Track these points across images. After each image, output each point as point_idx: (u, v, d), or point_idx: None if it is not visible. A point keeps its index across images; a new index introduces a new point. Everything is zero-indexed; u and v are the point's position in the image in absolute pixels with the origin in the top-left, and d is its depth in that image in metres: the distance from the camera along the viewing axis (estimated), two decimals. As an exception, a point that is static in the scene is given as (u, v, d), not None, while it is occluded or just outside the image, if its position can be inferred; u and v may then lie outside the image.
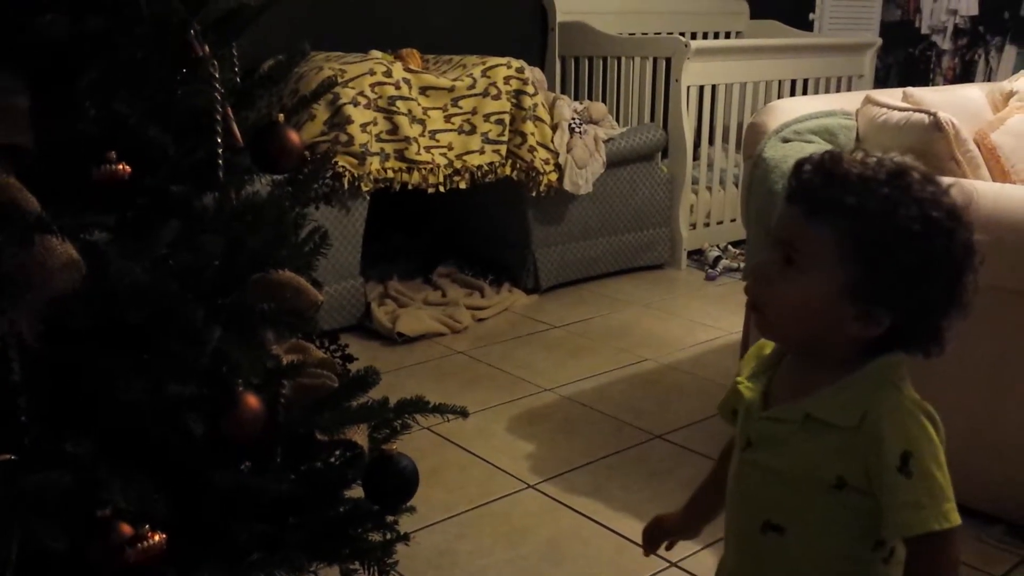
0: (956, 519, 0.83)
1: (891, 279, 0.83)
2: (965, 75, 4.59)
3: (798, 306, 0.86)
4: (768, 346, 0.98)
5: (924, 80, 4.68)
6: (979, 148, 2.13)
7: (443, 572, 1.75)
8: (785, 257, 0.87)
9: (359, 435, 1.43)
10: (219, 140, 1.14)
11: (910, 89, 2.37)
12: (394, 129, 3.03)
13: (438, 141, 3.14)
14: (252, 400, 1.09)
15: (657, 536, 1.15)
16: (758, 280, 0.90)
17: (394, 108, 3.02)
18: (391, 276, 3.44)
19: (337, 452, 1.36)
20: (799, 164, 0.88)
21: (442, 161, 3.14)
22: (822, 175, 0.85)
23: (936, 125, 1.99)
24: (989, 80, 4.42)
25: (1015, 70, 4.08)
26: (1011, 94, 2.58)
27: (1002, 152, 2.23)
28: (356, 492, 1.35)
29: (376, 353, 2.89)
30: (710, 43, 4.12)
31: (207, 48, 1.12)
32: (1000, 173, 2.20)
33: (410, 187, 3.09)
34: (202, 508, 1.14)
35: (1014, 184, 2.16)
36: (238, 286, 1.16)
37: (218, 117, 1.13)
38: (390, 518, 1.43)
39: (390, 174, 3.03)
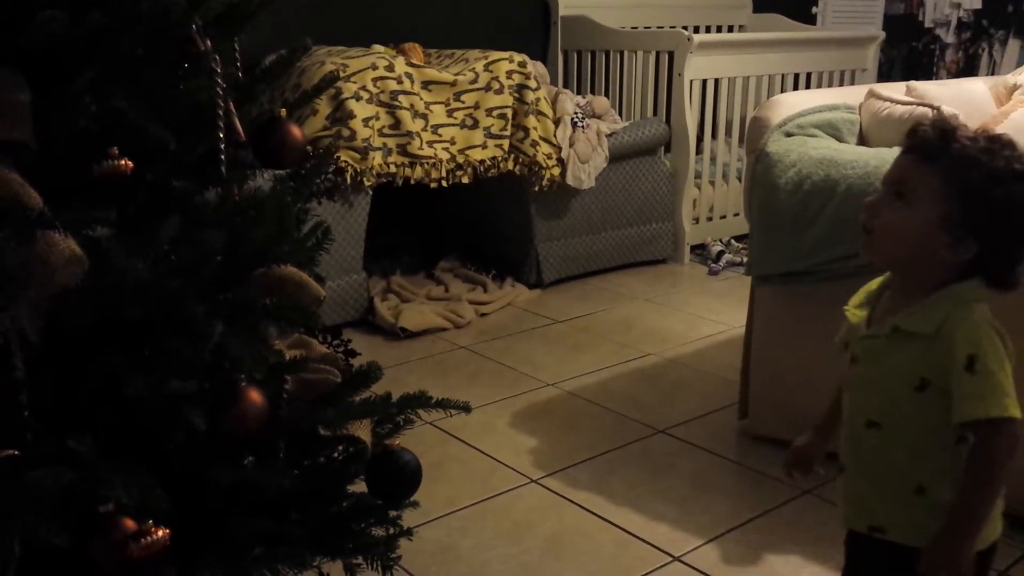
0: (1015, 412, 1.01)
1: (983, 214, 1.04)
2: (968, 69, 4.58)
3: (903, 230, 1.07)
4: (875, 283, 1.18)
5: (927, 74, 4.66)
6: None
7: (445, 567, 1.75)
8: (896, 193, 1.08)
9: (362, 430, 1.43)
10: (221, 135, 1.14)
11: (913, 83, 2.36)
12: (396, 124, 3.03)
13: (440, 136, 3.14)
14: (254, 395, 1.08)
15: (801, 462, 1.31)
16: (871, 209, 1.10)
17: (396, 103, 3.02)
18: (394, 271, 3.45)
19: (340, 447, 1.36)
20: (915, 127, 1.10)
21: (444, 156, 3.13)
22: (936, 132, 1.07)
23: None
24: (993, 74, 4.41)
25: (1019, 63, 4.07)
26: (1015, 87, 2.56)
27: (1006, 146, 2.22)
28: (359, 487, 1.35)
29: (379, 348, 2.89)
30: (713, 37, 4.11)
31: (208, 43, 1.12)
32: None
33: (413, 182, 3.09)
34: (205, 504, 1.14)
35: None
36: (240, 281, 1.16)
37: (220, 112, 1.13)
38: (393, 513, 1.43)
39: (392, 169, 3.02)
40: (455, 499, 1.98)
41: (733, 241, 4.12)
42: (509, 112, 3.28)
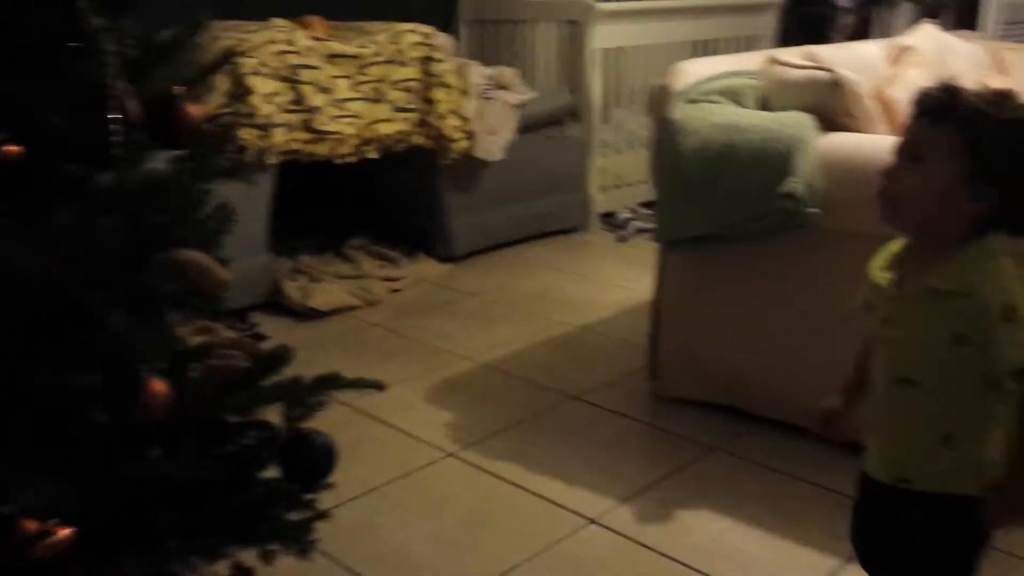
0: None
1: (999, 162, 1.08)
2: (862, 32, 4.72)
3: (926, 191, 1.10)
4: (896, 244, 1.20)
5: (823, 38, 4.79)
6: (877, 103, 2.20)
7: (366, 546, 1.75)
8: (912, 156, 1.11)
9: (273, 414, 1.40)
10: (114, 116, 1.09)
11: (810, 48, 2.42)
12: (299, 99, 2.96)
13: (346, 110, 3.08)
14: (159, 385, 1.06)
15: (832, 423, 1.34)
16: (891, 176, 1.13)
17: (298, 77, 2.95)
18: (301, 250, 3.38)
19: (251, 433, 1.34)
20: (921, 92, 1.13)
21: (351, 131, 3.08)
22: (945, 93, 1.11)
23: (836, 82, 2.04)
24: (885, 37, 4.56)
25: (909, 26, 4.22)
26: (906, 49, 2.66)
27: (898, 106, 2.30)
28: (274, 472, 1.33)
29: (289, 330, 2.84)
30: (617, 5, 4.13)
31: (99, 20, 1.07)
32: (897, 128, 2.27)
33: (318, 159, 3.03)
34: (116, 499, 1.11)
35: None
36: (140, 268, 1.12)
37: (112, 92, 1.09)
38: (308, 496, 1.42)
39: (297, 146, 2.96)
40: (372, 478, 1.98)
41: (640, 208, 4.18)
42: (416, 85, 3.24)
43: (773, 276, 2.07)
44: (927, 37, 2.81)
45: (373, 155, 3.16)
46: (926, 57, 2.66)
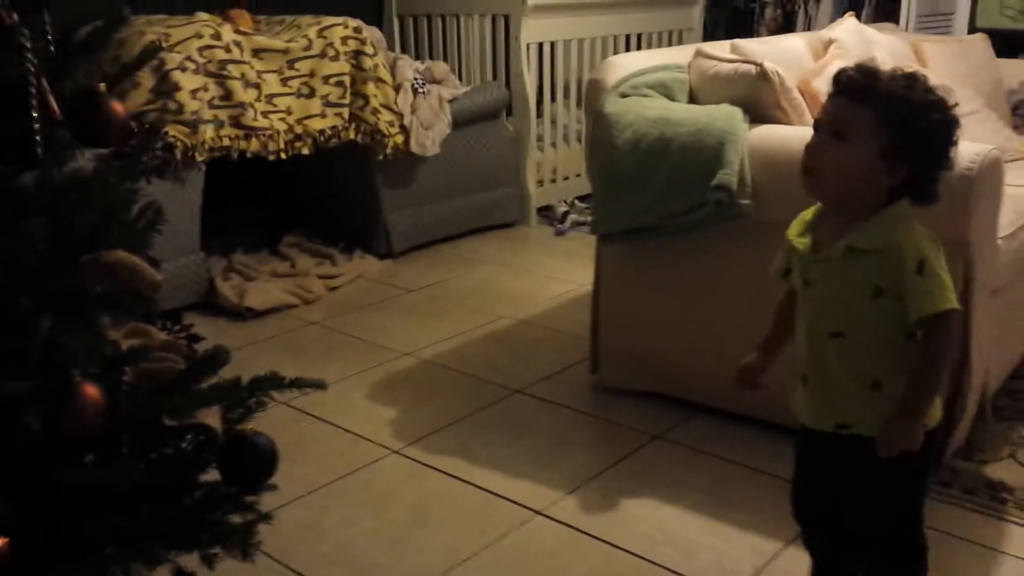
0: (956, 304, 1.18)
1: (913, 141, 1.17)
2: (786, 26, 4.82)
3: (847, 166, 1.19)
4: (808, 212, 1.30)
5: (749, 32, 4.88)
6: (803, 95, 2.24)
7: (310, 546, 1.73)
8: (833, 134, 1.19)
9: (211, 417, 1.38)
10: (35, 114, 1.05)
11: (737, 41, 2.46)
12: (227, 95, 2.90)
13: (276, 106, 3.04)
14: (91, 390, 1.03)
15: (750, 378, 1.43)
16: (814, 152, 1.21)
17: (226, 72, 2.89)
18: (235, 249, 3.32)
19: (189, 437, 1.31)
20: (840, 71, 1.22)
21: (282, 127, 3.03)
22: (862, 74, 1.19)
23: (762, 75, 2.08)
24: (809, 30, 4.67)
25: (832, 19, 4.32)
26: (830, 42, 2.73)
27: (823, 98, 2.35)
28: (214, 476, 1.31)
29: (224, 330, 2.79)
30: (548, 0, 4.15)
31: (15, 16, 1.04)
32: (821, 119, 2.33)
33: (249, 155, 2.97)
34: (50, 507, 1.07)
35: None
36: (68, 270, 1.08)
37: (32, 89, 1.05)
38: (250, 498, 1.39)
39: (226, 142, 2.90)
40: (315, 478, 1.95)
41: (577, 201, 4.21)
42: (347, 79, 3.20)
43: (708, 266, 2.10)
44: (849, 30, 2.88)
45: (305, 151, 3.11)
46: (849, 50, 2.72)
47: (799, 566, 1.52)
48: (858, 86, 1.20)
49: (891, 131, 1.17)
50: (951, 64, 3.11)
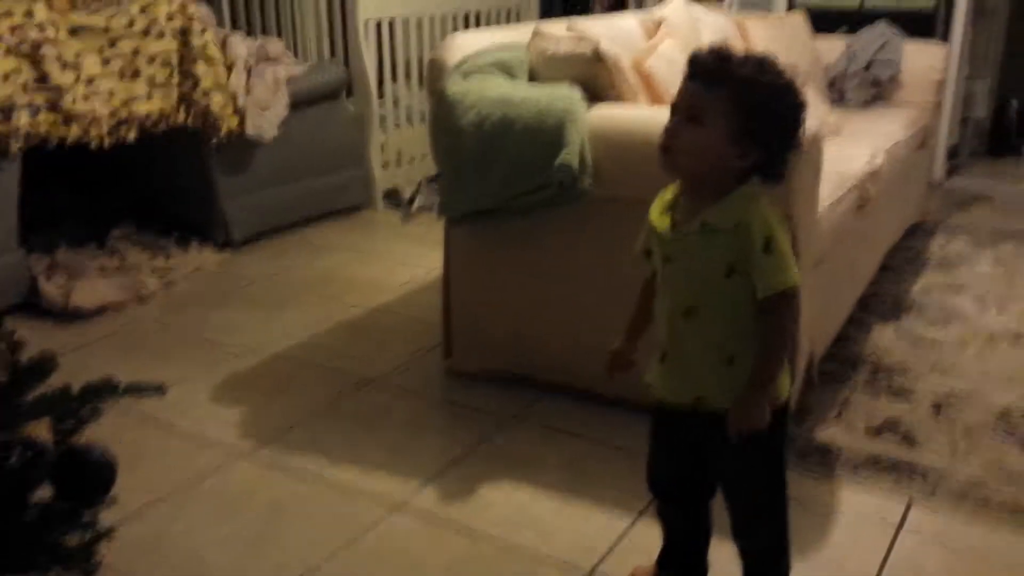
0: (799, 279, 1.24)
1: (766, 125, 1.22)
2: (619, 4, 4.94)
3: (702, 147, 1.22)
4: (668, 192, 1.33)
5: (584, 9, 4.98)
6: (637, 74, 2.30)
7: (159, 558, 1.64)
8: (688, 117, 1.23)
9: (40, 430, 1.29)
10: None
11: (573, 21, 2.49)
12: (43, 78, 2.69)
13: (97, 89, 2.84)
14: None
15: (621, 363, 1.44)
16: (671, 134, 1.24)
17: (41, 54, 2.68)
18: (59, 244, 3.09)
19: (17, 452, 1.23)
20: (695, 55, 1.24)
21: (104, 111, 2.84)
22: (715, 59, 1.22)
23: (598, 56, 2.11)
24: (640, 8, 4.80)
25: None
26: (660, 21, 2.81)
27: (656, 77, 2.42)
28: (48, 492, 1.23)
29: (50, 334, 2.60)
30: (383, -24, 4.07)
31: None
32: (655, 97, 2.39)
33: (70, 142, 2.77)
34: None
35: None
36: None
37: None
38: (88, 515, 1.32)
39: (43, 129, 2.69)
40: (159, 487, 1.85)
41: (424, 183, 4.18)
42: (174, 58, 3.04)
43: (553, 245, 2.13)
44: (678, 9, 2.97)
45: (131, 136, 2.94)
46: (678, 28, 2.82)
47: (650, 539, 1.57)
48: (712, 70, 1.23)
49: (745, 115, 1.21)
50: (772, 40, 3.27)
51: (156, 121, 3.00)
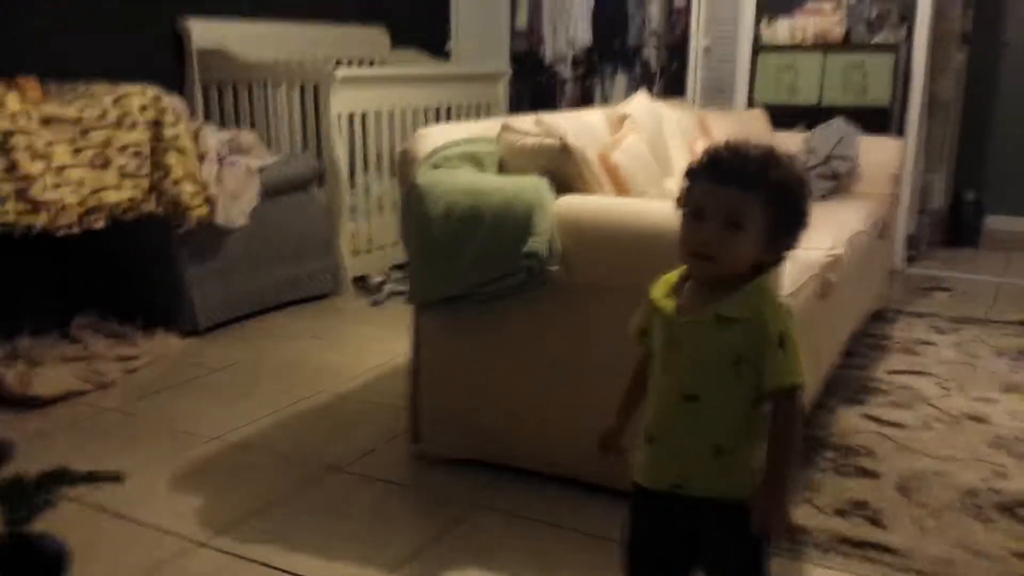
0: (806, 379, 1.23)
1: (794, 221, 1.25)
2: (585, 100, 5.09)
3: (746, 253, 1.23)
4: (672, 276, 1.33)
5: (552, 106, 5.12)
6: (603, 167, 2.36)
7: (109, 657, 1.57)
8: (728, 223, 1.21)
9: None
10: None
11: (541, 115, 2.56)
12: (12, 167, 2.70)
13: (67, 178, 2.85)
14: None
15: (611, 443, 1.44)
16: (711, 243, 1.23)
17: (11, 144, 2.69)
18: (19, 332, 3.05)
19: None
20: (719, 158, 1.24)
21: (73, 200, 2.85)
22: (743, 160, 1.23)
23: (565, 148, 2.17)
24: (606, 104, 4.95)
25: (627, 95, 4.61)
26: (625, 117, 2.90)
27: (621, 169, 2.49)
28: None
29: (8, 423, 2.53)
30: (357, 71, 4.18)
31: None
32: (621, 188, 2.45)
33: (37, 230, 2.76)
34: None
35: (633, 197, 2.42)
36: None
37: None
38: (38, 610, 1.27)
39: (11, 217, 2.69)
40: (115, 579, 1.79)
41: (393, 271, 4.20)
42: (145, 149, 3.06)
43: (521, 331, 2.14)
44: (641, 105, 3.07)
45: (100, 225, 2.93)
46: (642, 123, 2.91)
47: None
48: (745, 174, 1.23)
49: (776, 214, 1.23)
50: (732, 134, 3.37)
51: (126, 209, 3.00)
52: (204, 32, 4.02)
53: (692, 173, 1.27)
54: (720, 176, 1.23)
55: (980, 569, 1.82)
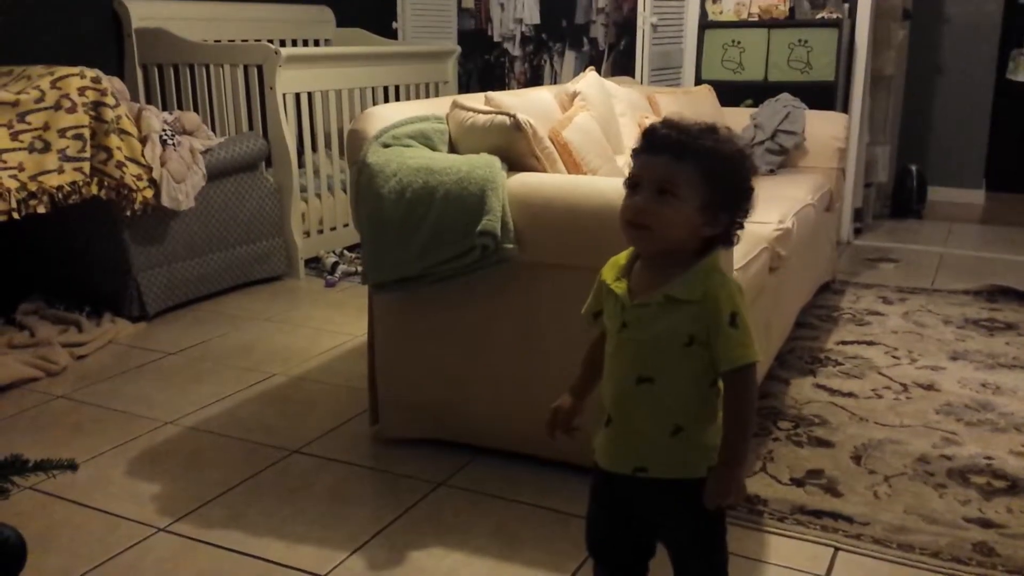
0: (759, 356, 1.24)
1: (728, 192, 1.24)
2: (534, 79, 5.08)
3: (677, 222, 1.23)
4: (622, 258, 1.33)
5: (501, 84, 5.10)
6: (554, 144, 2.36)
7: (68, 646, 1.56)
8: (658, 191, 1.22)
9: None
10: None
11: (491, 93, 2.56)
12: (-54, 151, 2.61)
13: (6, 162, 2.77)
14: None
15: (562, 422, 1.42)
16: (643, 211, 1.23)
17: (-57, 127, 2.61)
18: (-38, 321, 2.98)
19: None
20: (653, 129, 1.25)
21: (13, 184, 2.77)
22: (677, 131, 1.24)
23: (516, 126, 2.16)
24: (555, 82, 4.94)
25: (576, 73, 4.61)
26: (575, 95, 2.90)
27: (573, 147, 2.49)
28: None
29: (-47, 413, 2.48)
30: (301, 51, 4.11)
31: None
32: (573, 166, 2.46)
33: (-25, 217, 2.69)
34: None
35: (585, 175, 2.44)
36: None
37: None
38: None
39: (-53, 203, 2.61)
40: (71, 568, 1.76)
41: (346, 251, 4.17)
42: (86, 132, 2.99)
43: (476, 310, 2.14)
44: (591, 83, 3.08)
45: (42, 209, 2.86)
46: (592, 101, 2.91)
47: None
48: (677, 143, 1.23)
49: (712, 184, 1.22)
50: (680, 112, 3.40)
51: (68, 194, 2.93)
52: (143, 12, 3.93)
53: (634, 150, 1.28)
54: (654, 145, 1.25)
55: (934, 534, 1.88)
